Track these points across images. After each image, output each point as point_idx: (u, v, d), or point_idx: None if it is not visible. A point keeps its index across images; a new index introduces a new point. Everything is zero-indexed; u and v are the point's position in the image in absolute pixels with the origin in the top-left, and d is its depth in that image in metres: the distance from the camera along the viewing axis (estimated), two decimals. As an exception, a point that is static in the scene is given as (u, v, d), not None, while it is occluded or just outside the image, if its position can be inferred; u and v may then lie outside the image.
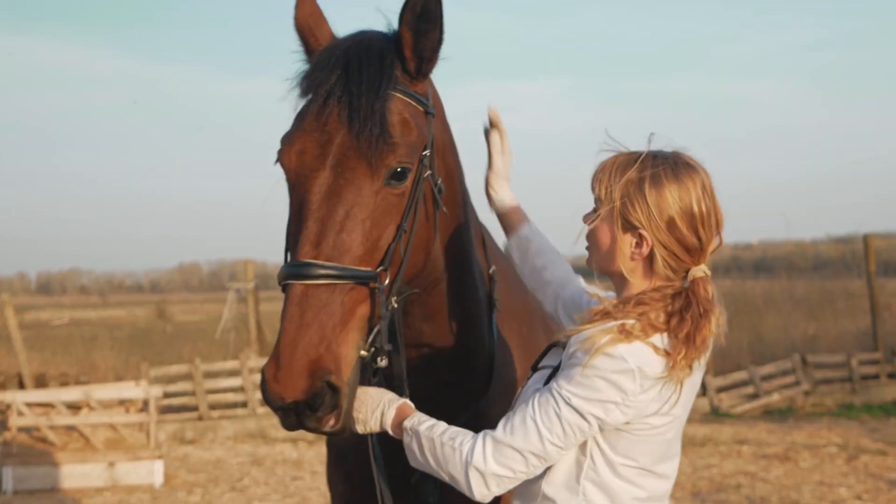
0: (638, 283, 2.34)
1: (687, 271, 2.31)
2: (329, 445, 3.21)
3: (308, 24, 2.57)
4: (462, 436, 2.27)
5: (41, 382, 13.48)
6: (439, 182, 2.54)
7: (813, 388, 13.96)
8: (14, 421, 9.87)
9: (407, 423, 2.34)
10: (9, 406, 10.03)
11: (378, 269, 2.31)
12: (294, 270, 2.23)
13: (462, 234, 2.75)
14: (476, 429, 2.35)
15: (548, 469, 2.29)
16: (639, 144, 2.40)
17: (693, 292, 2.27)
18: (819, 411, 13.28)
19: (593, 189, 2.38)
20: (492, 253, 3.05)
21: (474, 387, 2.88)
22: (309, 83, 2.41)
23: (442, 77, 2.60)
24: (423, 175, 2.44)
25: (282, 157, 2.40)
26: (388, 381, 2.51)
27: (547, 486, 2.30)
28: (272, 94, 2.71)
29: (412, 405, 2.42)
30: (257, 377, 12.98)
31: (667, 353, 2.20)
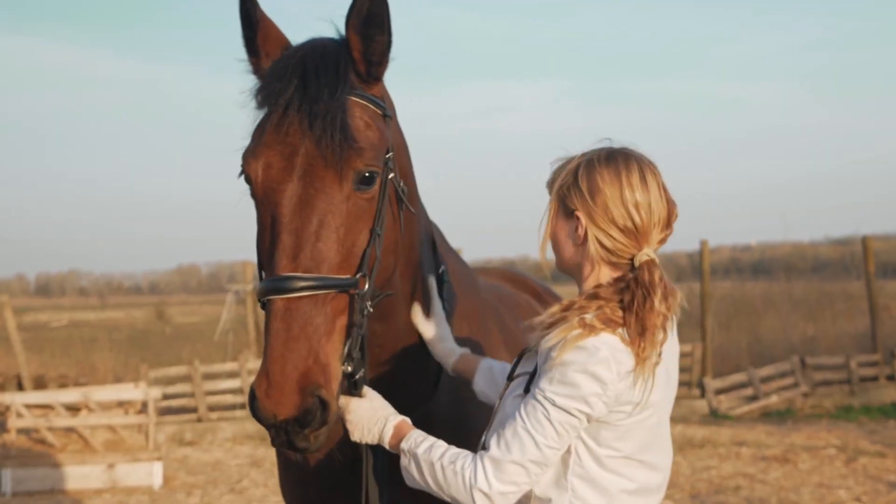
0: (587, 272, 2.39)
1: (633, 259, 2.34)
2: (278, 452, 3.15)
3: (258, 35, 2.53)
4: (462, 458, 2.28)
5: (40, 384, 13.47)
6: (401, 184, 2.55)
7: (812, 390, 13.96)
8: (13, 422, 9.88)
9: (404, 445, 2.35)
10: (8, 408, 10.03)
11: (357, 276, 2.32)
12: (275, 285, 2.20)
13: (416, 235, 2.77)
14: (426, 429, 2.39)
15: None
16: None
17: (638, 279, 2.30)
18: (818, 413, 13.28)
19: (548, 192, 2.45)
20: (442, 252, 3.06)
21: (424, 388, 2.89)
22: (266, 94, 2.38)
23: (439, 78, 2.60)
24: (388, 177, 2.45)
25: (247, 172, 2.37)
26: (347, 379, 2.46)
27: (536, 487, 2.32)
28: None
29: (409, 422, 2.43)
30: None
31: (631, 345, 2.24)
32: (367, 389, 2.45)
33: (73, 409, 10.19)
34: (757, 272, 28.03)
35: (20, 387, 13.14)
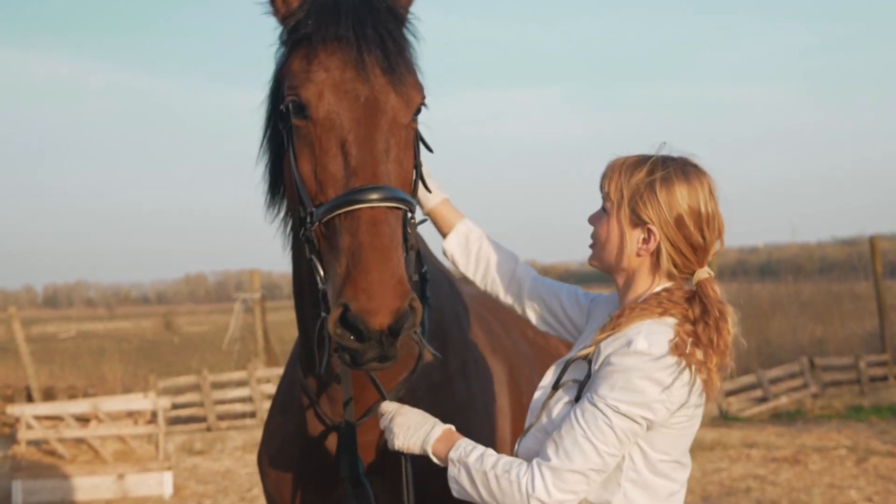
0: (643, 280, 2.40)
1: (691, 273, 2.37)
2: (259, 464, 3.16)
3: None
4: (516, 467, 2.27)
5: (49, 395, 13.50)
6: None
7: (821, 391, 13.92)
8: (23, 434, 9.89)
9: (453, 455, 2.33)
10: (18, 419, 10.04)
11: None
12: (364, 195, 2.21)
13: None
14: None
15: None
16: (642, 150, 2.46)
17: (704, 294, 2.32)
18: (828, 414, 13.24)
19: (602, 187, 2.44)
20: (425, 254, 3.06)
21: (400, 384, 2.85)
22: (321, 22, 2.41)
23: (436, 85, 2.63)
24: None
25: (302, 95, 2.37)
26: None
27: (589, 493, 2.31)
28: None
29: (455, 431, 2.42)
30: (265, 387, 13.00)
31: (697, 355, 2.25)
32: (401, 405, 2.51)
33: (83, 419, 10.19)
34: (764, 274, 27.94)
35: (29, 398, 13.17)
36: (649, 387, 2.20)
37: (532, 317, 2.81)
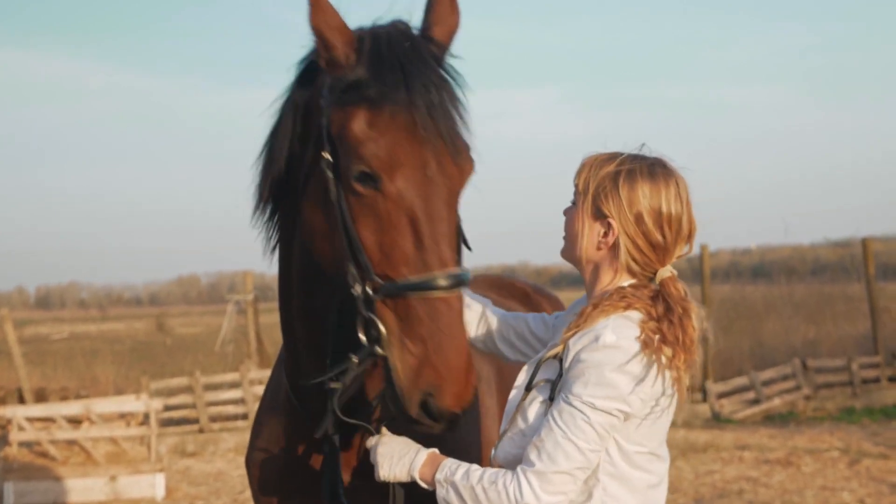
0: (606, 275, 2.43)
1: (654, 273, 2.41)
2: (247, 466, 3.21)
3: (326, 25, 2.45)
4: (502, 476, 2.29)
5: (41, 397, 13.46)
6: None
7: (814, 393, 13.95)
8: (15, 436, 9.86)
9: (440, 476, 2.35)
10: (9, 421, 10.01)
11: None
12: (446, 281, 2.26)
13: None
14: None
15: None
16: (633, 150, 2.48)
17: (667, 293, 2.36)
18: (820, 416, 13.27)
19: (574, 182, 2.48)
20: None
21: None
22: (390, 84, 2.36)
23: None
24: None
25: (373, 165, 2.34)
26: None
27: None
28: (267, 107, 2.72)
29: (438, 453, 2.44)
30: (258, 389, 12.98)
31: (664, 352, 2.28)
32: (385, 431, 2.52)
33: (75, 421, 10.16)
34: (757, 275, 28.01)
35: (21, 400, 13.14)
36: (622, 379, 2.23)
37: (503, 348, 2.84)
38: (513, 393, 2.52)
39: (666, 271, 2.40)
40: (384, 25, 2.49)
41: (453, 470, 2.34)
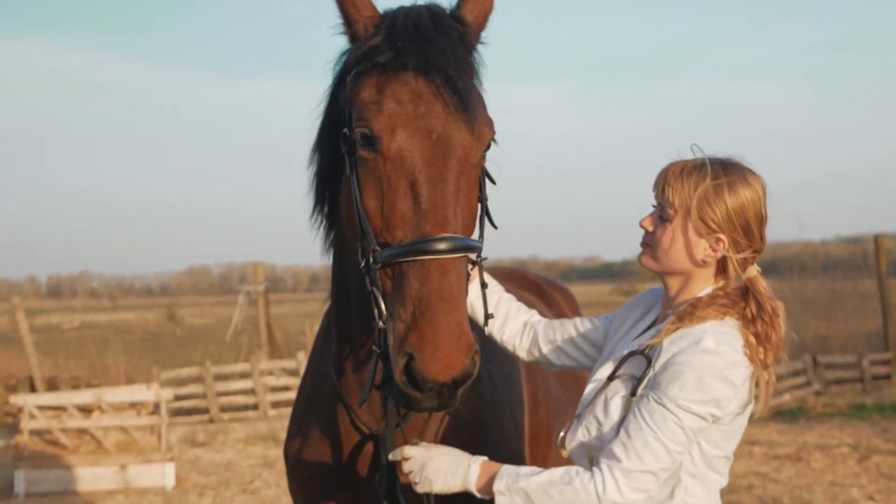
0: (699, 284, 2.43)
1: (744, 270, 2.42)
2: (286, 456, 3.11)
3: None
4: (578, 475, 2.27)
5: (53, 386, 13.50)
6: None
7: (824, 389, 13.91)
8: (26, 424, 9.91)
9: (500, 486, 2.30)
10: (21, 409, 10.06)
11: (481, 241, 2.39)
12: (440, 245, 2.17)
13: None
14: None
15: None
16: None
17: (756, 291, 2.37)
18: (830, 412, 13.23)
19: (661, 193, 2.43)
20: None
21: None
22: (402, 51, 2.33)
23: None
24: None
25: (374, 128, 2.30)
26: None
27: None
28: (276, 98, 2.71)
29: (489, 461, 2.39)
30: (268, 379, 13.01)
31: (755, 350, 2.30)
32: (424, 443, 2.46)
33: (86, 410, 10.20)
34: (768, 271, 27.77)
35: (33, 388, 13.19)
36: (721, 385, 2.24)
37: (548, 352, 2.78)
38: (591, 385, 2.50)
39: (753, 269, 2.41)
40: (414, 6, 2.47)
41: (514, 477, 2.31)
